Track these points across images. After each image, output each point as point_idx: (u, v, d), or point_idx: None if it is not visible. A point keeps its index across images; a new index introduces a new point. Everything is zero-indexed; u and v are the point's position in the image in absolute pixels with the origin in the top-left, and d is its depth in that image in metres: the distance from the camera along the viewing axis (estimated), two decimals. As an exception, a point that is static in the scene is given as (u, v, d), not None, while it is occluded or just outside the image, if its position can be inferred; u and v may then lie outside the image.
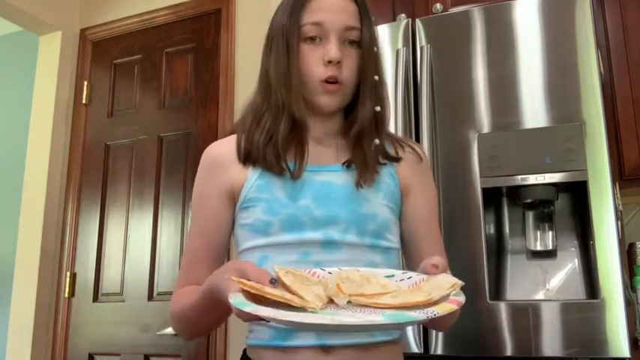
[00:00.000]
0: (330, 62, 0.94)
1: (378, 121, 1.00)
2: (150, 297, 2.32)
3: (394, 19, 2.03)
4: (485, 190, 1.57)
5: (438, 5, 2.00)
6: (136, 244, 2.41)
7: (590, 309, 1.40)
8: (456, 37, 1.69)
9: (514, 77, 1.60)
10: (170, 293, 2.23)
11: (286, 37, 0.97)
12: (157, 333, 2.23)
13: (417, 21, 1.76)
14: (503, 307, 1.49)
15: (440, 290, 0.74)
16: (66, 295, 2.49)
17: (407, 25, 1.76)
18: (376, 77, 0.99)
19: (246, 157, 0.98)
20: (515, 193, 1.59)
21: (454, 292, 0.74)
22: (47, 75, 2.69)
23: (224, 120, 2.31)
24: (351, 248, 0.94)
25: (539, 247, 1.59)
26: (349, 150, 1.00)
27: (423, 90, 1.65)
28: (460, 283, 0.75)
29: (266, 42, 1.04)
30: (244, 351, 1.01)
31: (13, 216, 2.67)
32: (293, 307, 0.71)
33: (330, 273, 0.82)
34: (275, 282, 0.75)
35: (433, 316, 0.69)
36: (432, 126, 1.65)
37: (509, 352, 1.45)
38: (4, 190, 3.34)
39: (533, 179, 1.51)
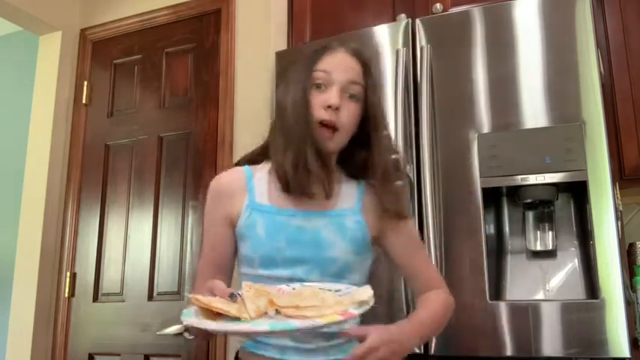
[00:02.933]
0: (329, 107, 1.09)
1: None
2: (150, 297, 2.32)
3: (394, 19, 2.03)
4: (485, 190, 1.57)
5: (438, 5, 2.00)
6: (136, 244, 2.40)
7: (590, 309, 1.40)
8: (456, 37, 1.69)
9: (514, 77, 1.60)
10: (170, 293, 2.25)
11: (302, 80, 1.12)
12: (157, 333, 2.23)
13: (417, 21, 1.76)
14: (503, 307, 1.49)
15: (350, 303, 0.89)
16: (66, 295, 2.48)
17: (407, 25, 1.76)
18: (377, 132, 1.15)
19: (284, 185, 1.11)
20: (515, 193, 1.59)
21: (354, 307, 0.88)
22: (47, 75, 2.68)
23: (224, 120, 2.30)
24: None
25: (539, 247, 1.59)
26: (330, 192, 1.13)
27: (423, 90, 1.65)
28: (367, 299, 0.91)
29: (281, 89, 1.18)
30: (237, 353, 1.18)
31: (13, 216, 2.67)
32: (232, 317, 0.87)
33: (294, 289, 0.99)
34: (234, 297, 0.91)
35: (312, 325, 0.83)
36: (432, 126, 1.65)
37: (509, 352, 1.45)
38: (4, 189, 3.34)
39: (533, 179, 1.52)
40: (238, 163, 1.23)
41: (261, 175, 1.17)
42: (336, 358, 1.08)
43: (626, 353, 1.35)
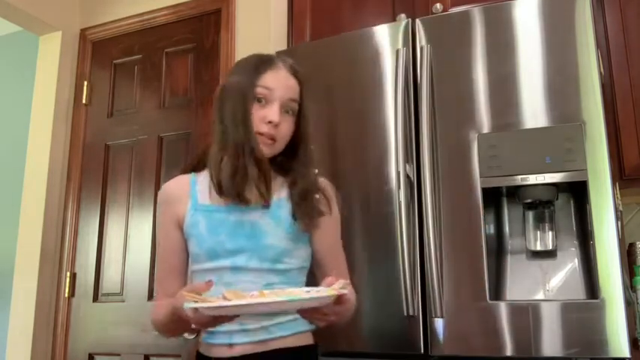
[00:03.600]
0: (270, 122, 1.18)
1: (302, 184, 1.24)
2: (150, 297, 2.32)
3: (394, 19, 2.03)
4: (485, 190, 1.57)
5: (438, 5, 2.00)
6: (136, 244, 2.41)
7: (590, 309, 1.40)
8: (456, 37, 1.69)
9: (514, 77, 1.60)
10: (170, 293, 2.25)
11: (244, 93, 1.20)
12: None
13: (417, 21, 1.76)
14: (503, 307, 1.49)
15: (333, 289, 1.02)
16: (66, 295, 2.49)
17: (407, 25, 1.76)
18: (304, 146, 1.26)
19: (218, 190, 1.20)
20: (515, 193, 1.59)
21: (341, 287, 1.00)
22: (47, 75, 2.68)
23: (224, 120, 2.30)
24: (253, 271, 1.20)
25: (539, 247, 1.59)
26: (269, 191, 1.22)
27: (423, 90, 1.65)
28: (347, 284, 1.03)
29: (220, 97, 1.25)
30: (197, 352, 1.31)
31: (13, 216, 2.67)
32: None
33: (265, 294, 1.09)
34: (210, 282, 1.03)
35: (317, 294, 0.95)
36: (432, 126, 1.65)
37: (509, 352, 1.45)
38: (4, 190, 3.34)
39: (533, 179, 1.51)
40: (184, 171, 1.35)
41: (204, 179, 1.28)
42: (279, 335, 1.20)
43: (626, 353, 1.35)
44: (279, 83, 1.21)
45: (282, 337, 1.20)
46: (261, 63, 1.23)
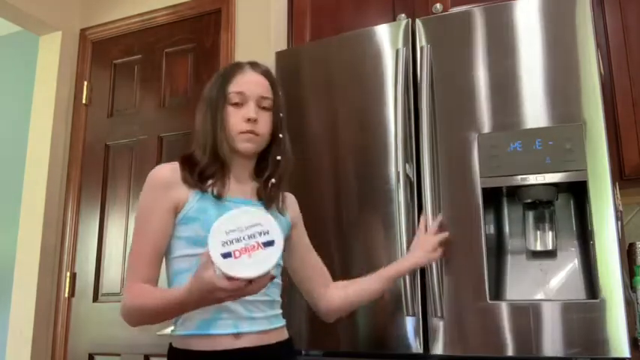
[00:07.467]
0: (248, 120, 1.29)
1: (280, 168, 1.36)
2: (150, 297, 2.32)
3: (394, 19, 2.03)
4: (485, 190, 1.57)
5: (438, 5, 2.00)
6: (136, 244, 2.40)
7: (590, 309, 1.40)
8: (456, 37, 1.69)
9: (514, 77, 1.60)
10: (170, 293, 2.25)
11: (216, 103, 1.33)
12: (157, 333, 2.23)
13: (417, 21, 1.76)
14: (503, 307, 1.49)
15: None
16: (66, 295, 2.49)
17: (407, 25, 1.76)
18: (280, 135, 1.36)
19: (187, 182, 1.28)
20: (515, 193, 1.59)
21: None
22: (47, 75, 2.68)
23: (224, 120, 2.31)
24: None
25: (539, 247, 1.59)
26: (260, 189, 1.35)
27: (423, 90, 1.65)
28: None
29: (199, 107, 1.39)
30: (170, 345, 1.30)
31: (13, 216, 2.67)
32: None
33: None
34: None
35: None
36: (432, 126, 1.65)
37: (509, 353, 1.45)
38: (4, 189, 3.34)
39: (533, 179, 1.51)
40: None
41: None
42: (275, 326, 1.28)
43: (626, 353, 1.35)
44: (248, 84, 1.32)
45: (276, 329, 1.29)
46: (230, 71, 1.36)
